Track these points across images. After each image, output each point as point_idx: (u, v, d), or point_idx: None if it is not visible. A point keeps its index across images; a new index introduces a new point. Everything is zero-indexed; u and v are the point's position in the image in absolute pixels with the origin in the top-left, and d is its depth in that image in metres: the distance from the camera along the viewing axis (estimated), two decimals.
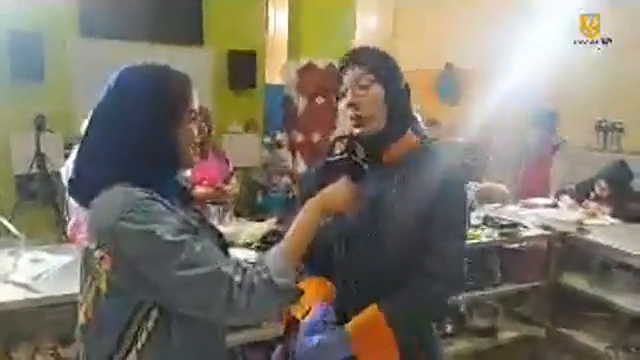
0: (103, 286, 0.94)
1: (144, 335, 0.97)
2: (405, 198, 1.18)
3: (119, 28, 4.02)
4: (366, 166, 1.18)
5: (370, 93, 1.20)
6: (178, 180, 1.09)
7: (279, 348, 1.39)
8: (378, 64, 1.22)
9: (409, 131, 1.26)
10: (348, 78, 1.22)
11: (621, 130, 4.77)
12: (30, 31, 3.71)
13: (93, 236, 0.95)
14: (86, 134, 1.03)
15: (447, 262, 1.18)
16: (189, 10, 4.40)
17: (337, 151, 1.18)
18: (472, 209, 3.04)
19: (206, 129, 2.79)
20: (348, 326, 1.15)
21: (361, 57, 1.24)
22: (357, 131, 1.20)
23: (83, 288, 1.00)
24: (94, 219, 0.96)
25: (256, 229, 2.34)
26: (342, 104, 1.23)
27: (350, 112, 1.20)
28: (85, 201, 1.00)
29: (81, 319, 1.01)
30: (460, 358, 2.66)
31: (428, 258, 1.17)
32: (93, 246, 0.94)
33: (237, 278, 0.91)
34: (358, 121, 1.20)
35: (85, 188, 1.00)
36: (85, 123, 1.03)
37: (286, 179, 4.11)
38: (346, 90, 1.22)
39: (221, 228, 1.29)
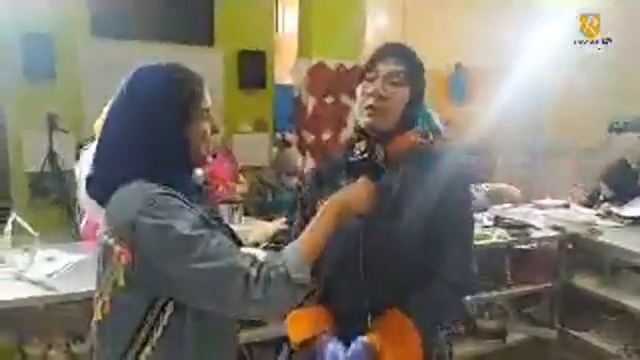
0: (121, 281, 0.95)
1: (159, 331, 0.98)
2: (406, 198, 1.18)
3: (130, 28, 4.05)
4: (384, 166, 1.17)
5: (399, 92, 1.20)
6: (194, 178, 1.10)
7: (286, 349, 1.40)
8: (413, 66, 1.23)
9: (409, 131, 1.26)
10: (383, 67, 1.21)
11: (634, 131, 4.73)
12: (42, 31, 3.75)
13: (112, 231, 0.96)
14: (102, 133, 1.05)
15: (458, 267, 1.18)
16: (200, 10, 4.42)
17: (357, 152, 1.17)
18: (485, 210, 3.04)
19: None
20: (369, 335, 1.14)
21: (402, 54, 1.23)
22: (367, 120, 1.20)
23: (101, 283, 1.01)
24: (113, 214, 0.98)
25: (265, 229, 2.35)
26: (365, 88, 1.22)
27: (371, 101, 1.19)
28: (101, 198, 1.02)
29: (97, 314, 1.02)
30: None
31: (439, 263, 1.17)
32: (111, 241, 0.96)
33: (253, 271, 0.92)
34: (374, 112, 1.19)
35: (101, 185, 1.02)
36: (97, 122, 1.05)
37: (295, 179, 4.11)
38: (376, 77, 1.21)
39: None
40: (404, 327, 1.13)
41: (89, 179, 1.05)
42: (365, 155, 1.16)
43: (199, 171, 1.15)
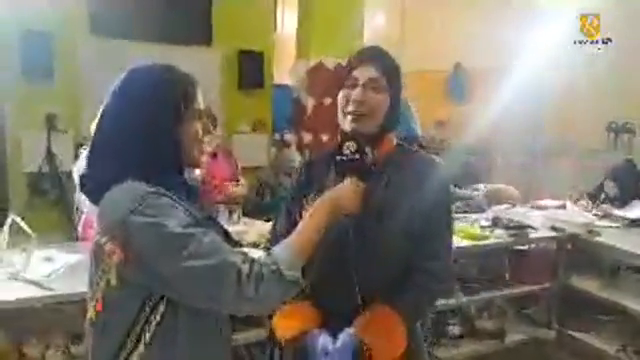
0: (113, 279, 0.96)
1: (152, 329, 0.98)
2: (392, 198, 1.23)
3: (128, 28, 4.04)
4: (373, 167, 1.20)
5: (380, 97, 1.23)
6: (186, 179, 1.11)
7: (271, 347, 1.41)
8: (392, 70, 1.26)
9: (390, 133, 1.31)
10: (362, 74, 1.24)
11: (631, 131, 4.74)
12: (40, 30, 3.74)
13: (103, 230, 0.97)
14: (95, 133, 1.06)
15: (439, 259, 1.24)
16: (198, 10, 4.42)
17: (347, 151, 1.18)
18: (483, 210, 3.04)
19: (211, 128, 2.80)
20: (354, 324, 1.18)
21: (380, 59, 1.26)
22: (353, 126, 1.23)
23: (93, 282, 1.02)
24: (105, 213, 0.98)
25: (264, 229, 2.35)
26: (346, 95, 1.25)
27: (353, 107, 1.23)
28: (95, 197, 1.03)
29: (91, 312, 1.03)
30: None
31: (421, 256, 1.23)
32: (103, 240, 0.96)
33: (245, 269, 0.93)
34: (357, 117, 1.23)
35: (95, 185, 1.03)
36: (94, 123, 1.07)
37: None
38: (355, 85, 1.24)
39: (229, 228, 1.30)
40: (390, 319, 1.17)
41: (83, 178, 1.06)
42: (356, 156, 1.17)
43: (197, 171, 1.15)
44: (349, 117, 1.23)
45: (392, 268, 1.23)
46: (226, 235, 1.11)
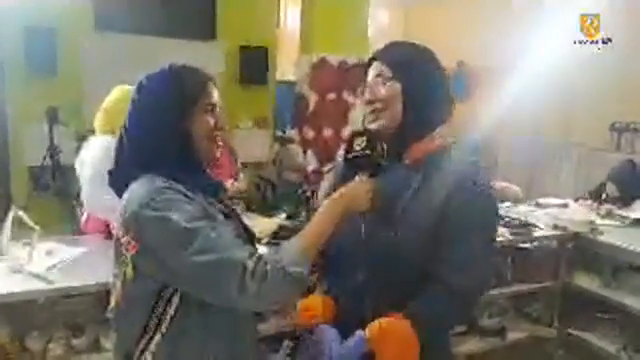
0: (129, 271, 1.00)
1: (167, 320, 1.02)
2: (423, 199, 1.15)
3: (132, 23, 4.04)
4: (384, 162, 1.16)
5: (385, 89, 1.19)
6: (207, 174, 1.14)
7: (286, 343, 1.41)
8: (399, 60, 1.21)
9: (434, 133, 1.23)
10: (369, 76, 1.24)
11: (635, 131, 4.73)
12: (44, 26, 3.74)
13: (122, 223, 1.01)
14: (121, 130, 1.11)
15: (461, 270, 1.12)
16: (202, 5, 4.41)
17: (357, 148, 1.16)
18: None
19: (224, 124, 2.80)
20: (366, 330, 1.13)
21: (384, 53, 1.24)
22: (373, 126, 1.21)
23: (114, 273, 1.07)
24: (123, 207, 1.02)
25: (266, 225, 2.35)
26: (363, 99, 1.26)
27: (367, 107, 1.22)
28: (119, 192, 1.08)
29: (112, 302, 1.09)
30: (469, 358, 2.65)
31: (445, 266, 1.13)
32: (121, 233, 1.01)
33: (250, 265, 0.93)
34: (373, 116, 1.21)
35: (119, 180, 1.09)
36: (97, 116, 1.10)
37: (296, 175, 4.10)
38: (365, 86, 1.24)
39: None
40: (402, 330, 1.10)
41: (110, 172, 1.11)
42: (367, 151, 1.15)
43: None
44: (367, 117, 1.22)
45: (410, 275, 1.15)
46: (245, 230, 1.15)
